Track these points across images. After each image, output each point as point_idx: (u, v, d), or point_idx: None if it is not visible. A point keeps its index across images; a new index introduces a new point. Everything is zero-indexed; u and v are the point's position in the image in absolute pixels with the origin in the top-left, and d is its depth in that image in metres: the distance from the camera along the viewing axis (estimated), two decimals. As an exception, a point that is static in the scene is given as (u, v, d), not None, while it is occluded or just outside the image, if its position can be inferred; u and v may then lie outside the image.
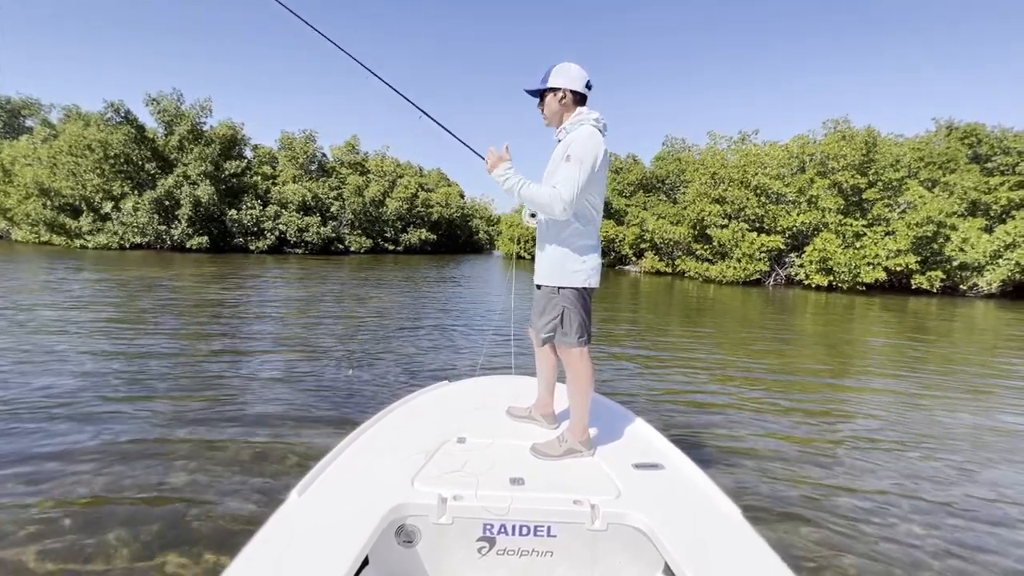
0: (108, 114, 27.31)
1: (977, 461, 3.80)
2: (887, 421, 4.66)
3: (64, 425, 3.67)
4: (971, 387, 6.04)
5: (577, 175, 2.05)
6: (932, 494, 3.23)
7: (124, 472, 3.04)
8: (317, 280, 15.60)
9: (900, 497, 3.16)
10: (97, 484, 2.88)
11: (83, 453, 3.24)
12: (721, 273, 23.93)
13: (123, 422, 3.78)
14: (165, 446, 3.42)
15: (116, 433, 3.58)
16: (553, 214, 2.10)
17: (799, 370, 6.65)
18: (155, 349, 5.92)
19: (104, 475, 2.99)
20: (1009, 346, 9.43)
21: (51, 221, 27.44)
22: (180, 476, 3.03)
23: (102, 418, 3.84)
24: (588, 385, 2.21)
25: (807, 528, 2.72)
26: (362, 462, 1.96)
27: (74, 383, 4.59)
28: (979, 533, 2.80)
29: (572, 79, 2.17)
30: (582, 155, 2.06)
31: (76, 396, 4.26)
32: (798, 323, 11.74)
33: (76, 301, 9.05)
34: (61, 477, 2.93)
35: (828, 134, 24.74)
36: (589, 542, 1.73)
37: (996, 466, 3.73)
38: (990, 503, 3.15)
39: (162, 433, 3.63)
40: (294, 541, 1.47)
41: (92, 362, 5.27)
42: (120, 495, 2.78)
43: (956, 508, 3.06)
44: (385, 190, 40.01)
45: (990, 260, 21.54)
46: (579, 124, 2.17)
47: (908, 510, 3.00)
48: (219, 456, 3.31)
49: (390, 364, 5.88)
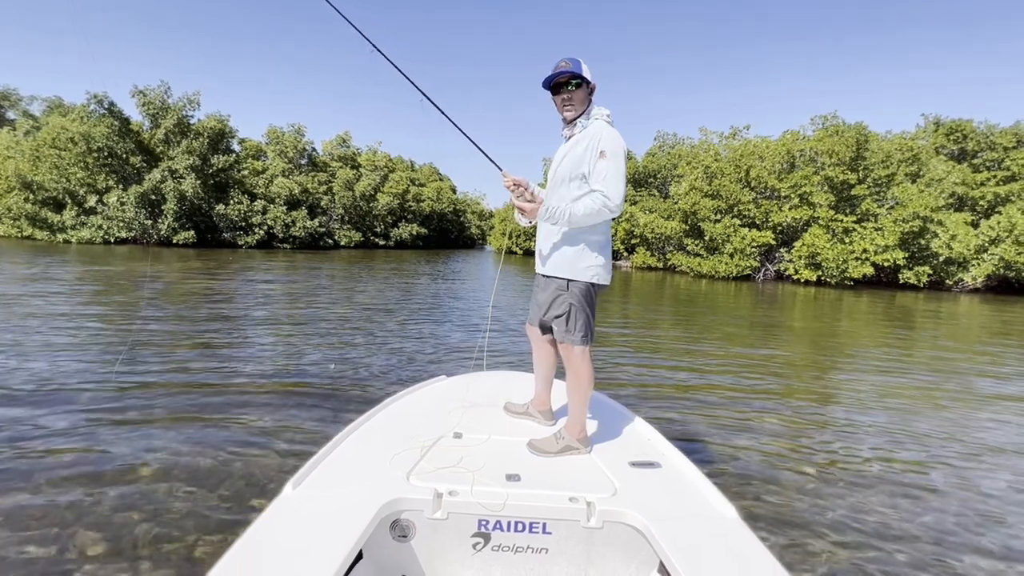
0: (91, 106, 26.82)
1: (978, 458, 3.81)
2: (884, 417, 4.69)
3: (43, 414, 3.58)
4: (968, 388, 6.12)
5: (618, 169, 2.03)
6: (931, 490, 3.23)
7: (111, 465, 2.98)
8: (308, 275, 15.48)
9: (898, 495, 3.16)
10: (82, 479, 2.82)
11: (65, 444, 3.17)
12: (713, 268, 24.09)
13: (113, 415, 3.70)
14: (156, 436, 3.36)
15: (103, 424, 3.50)
16: (607, 217, 2.07)
17: (793, 366, 6.70)
18: (147, 341, 5.83)
19: (89, 470, 2.92)
20: (994, 340, 9.58)
21: (33, 215, 26.97)
22: (173, 468, 2.99)
23: (90, 410, 3.76)
24: (588, 384, 2.18)
25: (803, 527, 2.72)
26: (357, 456, 1.95)
27: (60, 375, 4.49)
28: (979, 531, 2.81)
29: (592, 76, 2.17)
30: (616, 149, 2.04)
31: (63, 387, 4.17)
32: (790, 319, 11.86)
33: (63, 293, 8.89)
34: (45, 469, 2.86)
35: (817, 130, 24.94)
36: (584, 539, 1.72)
37: (997, 463, 3.75)
38: (992, 499, 3.16)
39: (152, 423, 3.56)
40: (288, 535, 1.46)
41: (77, 353, 5.18)
42: (107, 488, 2.73)
43: (956, 505, 3.06)
44: (376, 184, 39.77)
45: (975, 255, 21.90)
46: (593, 119, 2.15)
47: (907, 507, 3.00)
48: (213, 449, 3.27)
49: (386, 359, 5.84)
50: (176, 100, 28.74)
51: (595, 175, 2.05)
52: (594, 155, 2.04)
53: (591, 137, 2.07)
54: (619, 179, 2.02)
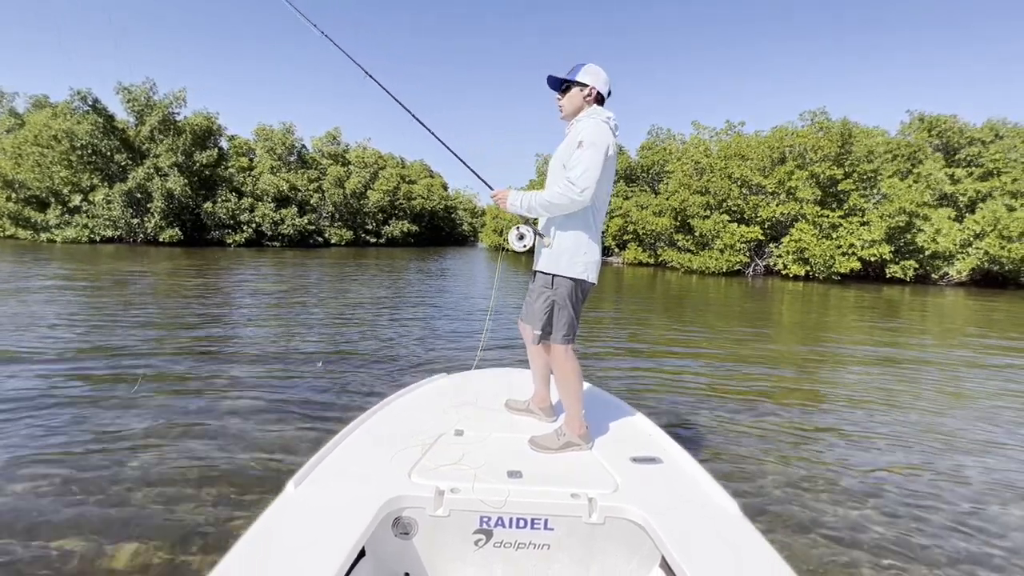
0: (75, 103, 26.32)
1: (978, 454, 3.83)
2: (884, 410, 4.72)
3: (38, 418, 3.53)
4: (965, 384, 6.22)
5: (591, 158, 2.04)
6: (931, 487, 3.23)
7: (109, 465, 2.95)
8: (299, 273, 15.35)
9: (899, 489, 3.17)
10: (82, 480, 2.79)
11: (62, 446, 3.12)
12: (703, 264, 24.24)
13: (109, 415, 3.66)
14: (156, 437, 3.33)
15: (99, 426, 3.46)
16: (574, 206, 2.08)
17: (788, 361, 6.77)
18: (137, 342, 5.76)
19: (87, 471, 2.89)
20: (976, 332, 9.76)
21: (16, 214, 26.46)
22: (174, 467, 2.98)
23: (84, 411, 3.71)
24: (576, 380, 2.19)
25: (805, 523, 2.71)
26: (359, 454, 1.94)
27: (53, 377, 4.43)
28: (982, 522, 2.84)
29: (600, 81, 2.22)
30: (594, 139, 2.06)
31: (56, 390, 4.10)
32: (782, 313, 11.97)
33: (45, 295, 8.74)
34: (34, 478, 2.82)
35: (806, 126, 25.14)
36: (586, 535, 1.72)
37: (998, 457, 3.79)
38: (997, 493, 3.19)
39: (152, 424, 3.54)
40: (291, 533, 1.46)
41: (68, 355, 5.10)
42: (105, 490, 2.70)
43: (958, 500, 3.07)
44: (366, 182, 39.49)
45: (960, 249, 22.23)
46: (589, 118, 2.18)
47: (908, 503, 3.01)
48: (214, 448, 3.26)
49: (386, 357, 5.82)
50: (161, 97, 28.29)
51: (570, 163, 2.09)
52: (575, 146, 2.09)
53: (576, 132, 2.14)
54: (591, 168, 2.03)
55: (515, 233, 2.26)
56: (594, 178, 2.03)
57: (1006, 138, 26.42)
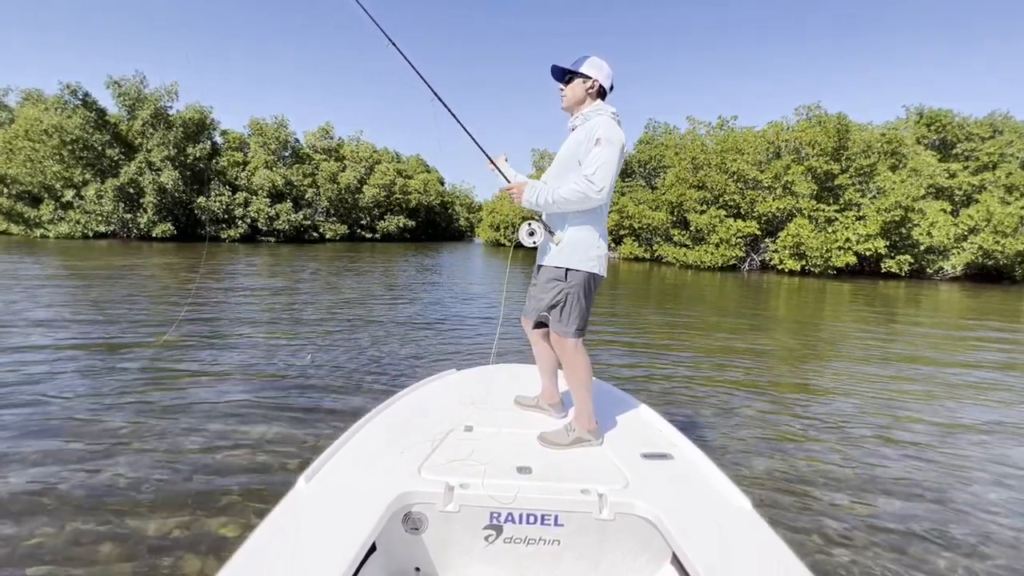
0: (65, 97, 25.99)
1: (985, 447, 3.84)
2: (890, 405, 4.72)
3: (39, 416, 3.50)
4: (964, 382, 6.25)
5: (609, 156, 2.03)
6: (942, 484, 3.22)
7: (122, 462, 2.94)
8: (300, 268, 15.27)
9: (913, 484, 3.16)
10: (97, 475, 2.77)
11: (71, 442, 3.10)
12: (699, 259, 24.29)
13: (115, 415, 3.62)
14: (171, 434, 3.31)
15: (107, 428, 3.43)
16: (591, 203, 2.08)
17: (794, 356, 6.80)
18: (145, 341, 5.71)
19: (102, 467, 2.89)
20: (971, 327, 9.83)
21: (8, 210, 26.18)
22: (184, 462, 2.98)
23: (88, 410, 3.68)
24: (586, 374, 2.18)
25: (820, 518, 2.69)
26: (369, 449, 1.94)
27: (47, 374, 4.38)
28: (986, 523, 2.83)
29: (603, 74, 2.22)
30: (611, 137, 2.05)
31: (52, 387, 4.07)
32: (782, 308, 12.02)
33: (43, 292, 8.65)
34: (36, 479, 2.79)
35: (801, 121, 25.17)
36: (596, 531, 1.72)
37: (998, 452, 3.81)
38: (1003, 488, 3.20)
39: (169, 423, 3.52)
40: (301, 528, 1.46)
41: (64, 354, 5.05)
42: (119, 487, 2.70)
43: (962, 499, 3.05)
44: (361, 177, 39.28)
45: (955, 244, 22.35)
46: (597, 113, 2.16)
47: (917, 499, 2.99)
48: (226, 444, 3.26)
49: (395, 353, 5.79)
50: (153, 90, 27.98)
51: (587, 161, 2.07)
52: (590, 143, 2.07)
53: (590, 128, 2.11)
54: (609, 167, 2.03)
55: (526, 229, 2.25)
56: (611, 176, 2.04)
57: (1004, 133, 26.57)
